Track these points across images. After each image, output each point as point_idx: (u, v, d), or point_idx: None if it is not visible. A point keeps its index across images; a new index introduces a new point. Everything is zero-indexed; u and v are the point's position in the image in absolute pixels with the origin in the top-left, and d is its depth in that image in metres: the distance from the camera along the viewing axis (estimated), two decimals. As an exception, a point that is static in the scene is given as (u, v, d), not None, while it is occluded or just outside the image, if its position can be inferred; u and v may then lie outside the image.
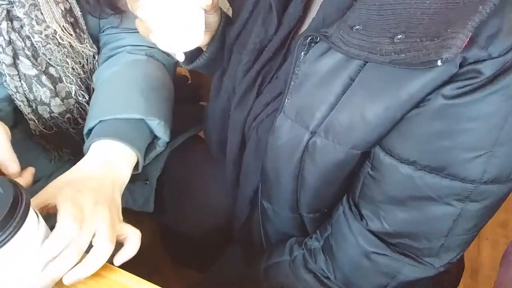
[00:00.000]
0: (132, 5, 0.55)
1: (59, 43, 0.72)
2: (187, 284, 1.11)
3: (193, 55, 0.70)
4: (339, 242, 0.58)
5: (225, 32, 0.66)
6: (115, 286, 0.51)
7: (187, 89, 1.00)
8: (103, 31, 0.83)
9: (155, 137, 0.76)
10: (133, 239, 0.56)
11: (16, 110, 0.74)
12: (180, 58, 0.61)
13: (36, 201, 0.54)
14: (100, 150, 0.65)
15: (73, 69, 0.75)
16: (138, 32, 0.84)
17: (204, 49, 0.69)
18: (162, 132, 0.73)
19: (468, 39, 0.38)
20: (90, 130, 0.70)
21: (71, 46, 0.74)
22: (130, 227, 0.57)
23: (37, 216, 0.48)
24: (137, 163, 0.69)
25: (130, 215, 0.88)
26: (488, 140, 0.43)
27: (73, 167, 0.62)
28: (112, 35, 0.82)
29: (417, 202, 0.49)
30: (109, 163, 0.63)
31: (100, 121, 0.68)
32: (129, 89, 0.73)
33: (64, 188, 0.55)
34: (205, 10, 0.56)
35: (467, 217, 0.49)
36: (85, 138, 0.70)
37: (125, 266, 0.53)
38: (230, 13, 0.71)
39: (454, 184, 0.46)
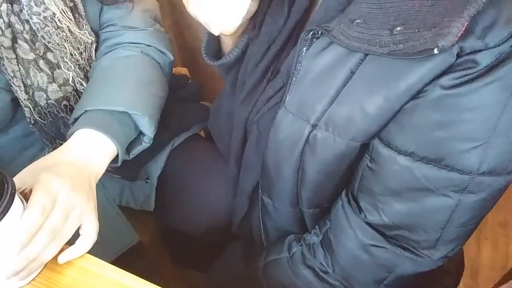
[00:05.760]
0: None
1: (57, 26, 0.72)
2: (187, 284, 1.11)
3: (216, 53, 0.69)
4: (337, 236, 0.58)
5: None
6: (115, 286, 0.51)
7: (187, 89, 1.00)
8: (103, 28, 0.83)
9: (141, 133, 0.75)
10: (86, 239, 0.55)
11: (15, 103, 0.73)
12: (216, 32, 0.57)
13: None
14: (81, 138, 0.65)
15: (71, 55, 0.75)
16: (137, 30, 0.83)
17: (231, 45, 0.67)
18: (146, 127, 0.73)
19: (464, 28, 0.38)
20: (76, 120, 0.69)
21: (69, 30, 0.74)
22: (92, 227, 0.56)
23: (22, 203, 0.48)
24: (118, 157, 0.68)
25: (130, 214, 0.88)
26: (485, 131, 0.43)
27: (53, 152, 0.62)
28: (111, 32, 0.82)
29: (415, 194, 0.49)
30: (88, 152, 0.63)
31: (86, 111, 0.68)
32: (117, 81, 0.73)
33: (42, 172, 0.55)
34: None
35: (465, 209, 0.49)
36: (70, 126, 0.70)
37: (125, 266, 0.53)
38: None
39: (451, 175, 0.46)
